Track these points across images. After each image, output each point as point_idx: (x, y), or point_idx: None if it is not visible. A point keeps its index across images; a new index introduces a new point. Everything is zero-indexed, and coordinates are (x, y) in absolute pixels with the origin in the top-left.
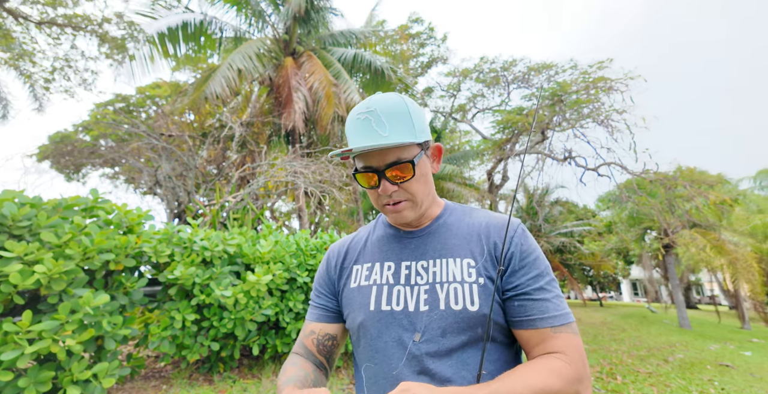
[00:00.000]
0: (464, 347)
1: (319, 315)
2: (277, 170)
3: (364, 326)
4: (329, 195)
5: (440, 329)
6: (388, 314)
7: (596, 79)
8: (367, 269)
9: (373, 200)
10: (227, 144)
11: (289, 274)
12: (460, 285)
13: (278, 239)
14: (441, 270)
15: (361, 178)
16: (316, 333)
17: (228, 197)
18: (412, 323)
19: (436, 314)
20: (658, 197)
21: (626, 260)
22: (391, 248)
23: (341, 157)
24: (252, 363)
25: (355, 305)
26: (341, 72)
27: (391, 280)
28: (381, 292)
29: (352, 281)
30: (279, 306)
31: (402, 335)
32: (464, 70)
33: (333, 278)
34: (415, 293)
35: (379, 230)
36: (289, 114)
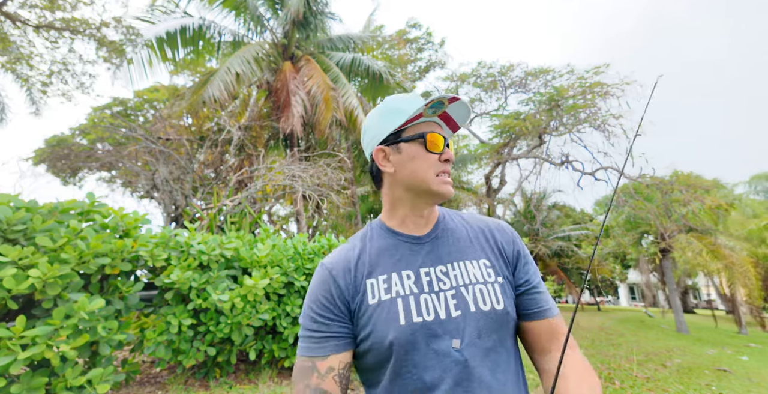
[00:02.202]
0: (495, 347)
1: (336, 346)
2: (275, 174)
3: (398, 343)
4: (327, 199)
5: (476, 331)
6: (421, 326)
7: (593, 85)
8: (384, 282)
9: (425, 166)
10: (225, 148)
11: (287, 278)
12: (484, 286)
13: (276, 243)
14: (461, 273)
15: (436, 137)
16: (336, 368)
17: (225, 201)
18: (447, 330)
19: (469, 317)
20: (655, 202)
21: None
22: (402, 256)
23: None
24: (249, 368)
25: (379, 322)
26: (339, 76)
27: (415, 289)
28: (408, 303)
29: (369, 297)
30: (276, 311)
31: (440, 344)
32: (462, 74)
33: (345, 298)
34: (442, 300)
35: (379, 240)
36: (287, 118)
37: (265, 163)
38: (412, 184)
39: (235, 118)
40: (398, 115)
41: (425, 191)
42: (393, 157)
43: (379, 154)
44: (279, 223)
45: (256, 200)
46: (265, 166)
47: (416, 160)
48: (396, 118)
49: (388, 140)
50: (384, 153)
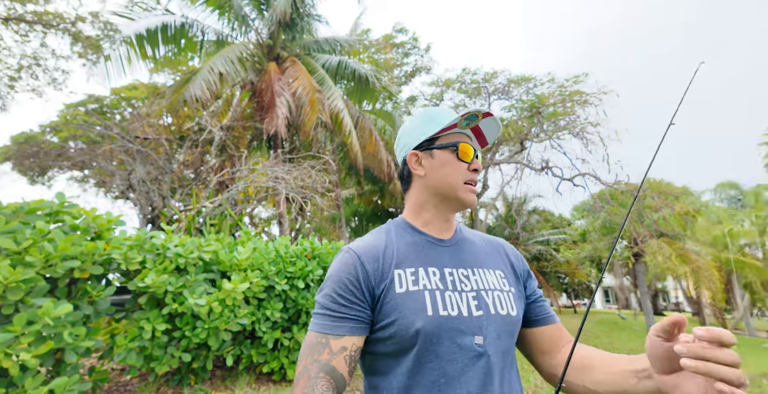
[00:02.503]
0: (509, 349)
1: (352, 328)
2: (257, 175)
3: (424, 332)
4: (311, 201)
5: (495, 332)
6: (447, 319)
7: (572, 93)
8: (412, 274)
9: (454, 172)
10: (206, 148)
11: (267, 282)
12: (501, 293)
13: (257, 246)
14: (481, 278)
15: (467, 147)
16: (348, 349)
17: (205, 202)
18: (469, 327)
19: (490, 319)
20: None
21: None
22: (428, 254)
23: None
24: (225, 374)
25: (407, 310)
26: (325, 78)
27: (440, 285)
28: (435, 297)
29: (396, 285)
30: (255, 315)
31: (464, 340)
32: (447, 80)
33: (371, 284)
34: (464, 299)
35: (407, 235)
36: (271, 119)
37: (248, 164)
38: (440, 188)
39: (217, 118)
40: (434, 124)
41: (452, 197)
42: (425, 162)
43: (412, 158)
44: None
45: (238, 201)
46: (248, 167)
47: (447, 167)
48: (431, 126)
49: (422, 146)
50: (417, 157)
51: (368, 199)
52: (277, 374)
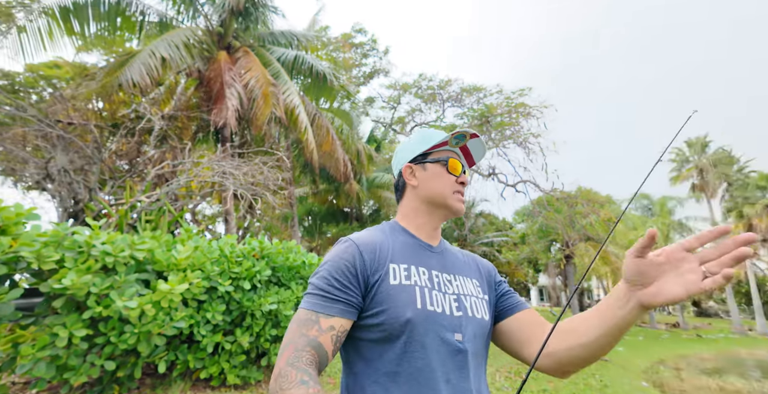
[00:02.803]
0: (482, 350)
1: (342, 310)
2: (202, 170)
3: (413, 323)
4: (262, 199)
5: (472, 332)
6: (433, 314)
7: (517, 105)
8: (405, 270)
9: (443, 183)
10: (144, 138)
11: (209, 283)
12: (477, 299)
13: (199, 245)
14: (461, 284)
15: (455, 162)
16: (336, 329)
17: (141, 197)
18: (451, 324)
19: (468, 320)
20: (563, 213)
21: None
22: (419, 255)
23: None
24: (156, 382)
25: (399, 301)
26: (281, 72)
27: (428, 284)
28: (424, 293)
29: (391, 278)
30: (194, 318)
31: (446, 334)
32: (404, 84)
33: (366, 273)
34: (447, 300)
35: (401, 236)
36: (220, 110)
37: (192, 157)
38: (431, 197)
39: (158, 106)
40: (427, 141)
41: (442, 205)
42: (418, 174)
43: (407, 170)
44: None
45: (179, 196)
46: (192, 160)
47: (437, 179)
48: (425, 143)
49: (416, 160)
50: (411, 169)
51: (323, 198)
52: (216, 380)
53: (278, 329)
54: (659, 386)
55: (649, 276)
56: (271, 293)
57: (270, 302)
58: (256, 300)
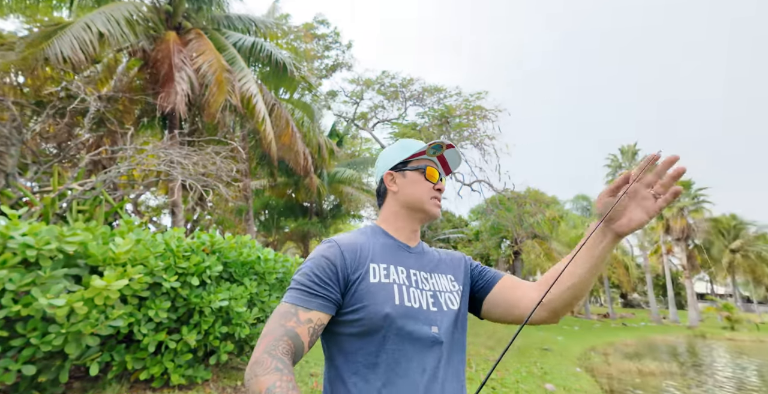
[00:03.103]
0: (458, 339)
1: (321, 305)
2: (146, 157)
3: (391, 317)
4: (213, 190)
5: (448, 324)
6: (410, 309)
7: (475, 108)
8: (384, 269)
9: (422, 190)
10: (77, 119)
11: (153, 278)
12: (450, 294)
13: (141, 238)
14: (437, 282)
15: (433, 170)
16: (314, 322)
17: (72, 184)
18: (427, 318)
19: (443, 314)
20: (513, 212)
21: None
22: (398, 256)
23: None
24: (87, 386)
25: (378, 298)
26: (237, 59)
27: (406, 282)
28: (402, 290)
29: (371, 276)
30: (135, 316)
31: (422, 328)
32: (367, 80)
33: (346, 271)
34: (424, 296)
35: (381, 238)
36: (168, 95)
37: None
38: (410, 202)
39: (95, 85)
40: (406, 150)
41: (420, 209)
42: (398, 180)
43: (388, 177)
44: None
45: (118, 185)
46: (134, 147)
47: (416, 185)
48: (405, 152)
49: (397, 168)
50: (392, 176)
51: (282, 191)
52: (158, 381)
53: (229, 326)
54: (590, 371)
55: (618, 211)
56: (222, 290)
57: (221, 299)
58: (206, 297)
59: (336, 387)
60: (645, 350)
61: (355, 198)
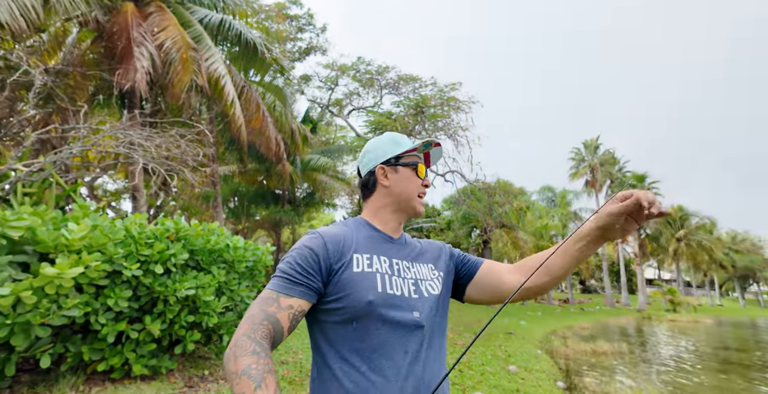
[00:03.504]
0: (440, 322)
1: (303, 293)
2: (103, 138)
3: (374, 304)
4: (178, 175)
5: (428, 309)
6: (392, 297)
7: (449, 99)
8: (367, 259)
9: (413, 186)
10: (20, 93)
11: (112, 266)
12: (431, 281)
13: (98, 223)
14: (418, 270)
15: (422, 167)
16: (294, 308)
17: (15, 164)
18: (409, 305)
19: (424, 300)
20: (483, 202)
21: None
22: (381, 246)
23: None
24: (37, 379)
25: (361, 286)
26: (203, 36)
27: (389, 271)
28: (384, 279)
29: (354, 266)
30: (92, 305)
31: (405, 313)
32: (342, 65)
33: (329, 262)
34: (406, 284)
35: (365, 230)
36: (126, 71)
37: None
38: (400, 197)
39: (40, 57)
40: (399, 146)
41: (407, 205)
42: (390, 175)
43: (380, 171)
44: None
45: (71, 167)
46: (89, 126)
47: (408, 181)
48: (397, 147)
49: (389, 162)
50: (384, 171)
51: (252, 178)
52: (118, 372)
53: (196, 315)
54: (550, 353)
55: (612, 223)
56: (188, 278)
57: (187, 287)
58: (171, 285)
59: (323, 373)
60: (599, 333)
61: (330, 186)
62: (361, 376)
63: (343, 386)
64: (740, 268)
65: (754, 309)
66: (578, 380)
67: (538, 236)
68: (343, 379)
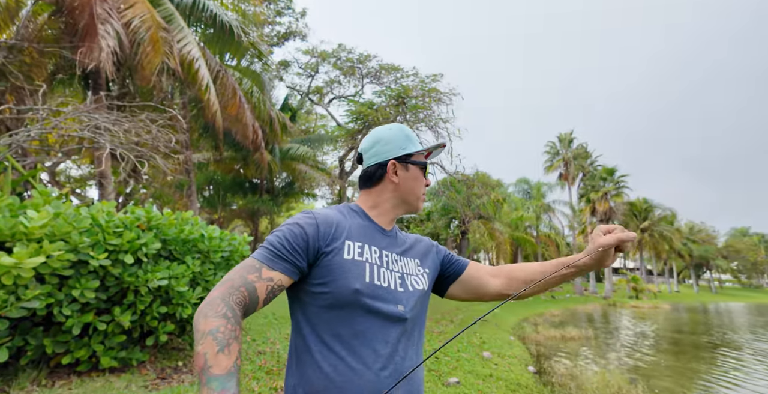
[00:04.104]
0: (421, 316)
1: (286, 268)
2: (65, 121)
3: (360, 293)
4: (149, 162)
5: (413, 303)
6: (379, 287)
7: (430, 90)
8: (359, 248)
9: (418, 186)
10: None
11: (77, 256)
12: (416, 276)
13: (61, 211)
14: (405, 265)
15: (427, 168)
16: (274, 281)
17: None
18: (395, 297)
19: (409, 294)
20: (462, 194)
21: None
22: (374, 237)
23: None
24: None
25: (350, 274)
26: (175, 16)
27: (378, 262)
28: (373, 269)
29: (345, 252)
30: (55, 296)
31: (389, 305)
32: (322, 52)
33: (318, 243)
34: (393, 277)
35: (358, 219)
36: (90, 50)
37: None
38: (406, 195)
39: None
40: (412, 143)
41: (411, 203)
42: (401, 172)
43: (392, 167)
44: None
45: (29, 151)
46: (48, 107)
47: (416, 181)
48: (410, 143)
49: (401, 159)
50: (395, 167)
51: (228, 166)
52: (84, 364)
53: (168, 306)
54: (522, 339)
55: (606, 252)
56: (160, 268)
57: (159, 278)
58: (142, 276)
59: (301, 355)
60: (568, 319)
61: (310, 176)
62: (340, 361)
63: (322, 369)
64: (696, 257)
65: (706, 295)
66: (548, 365)
67: (513, 227)
68: (322, 362)
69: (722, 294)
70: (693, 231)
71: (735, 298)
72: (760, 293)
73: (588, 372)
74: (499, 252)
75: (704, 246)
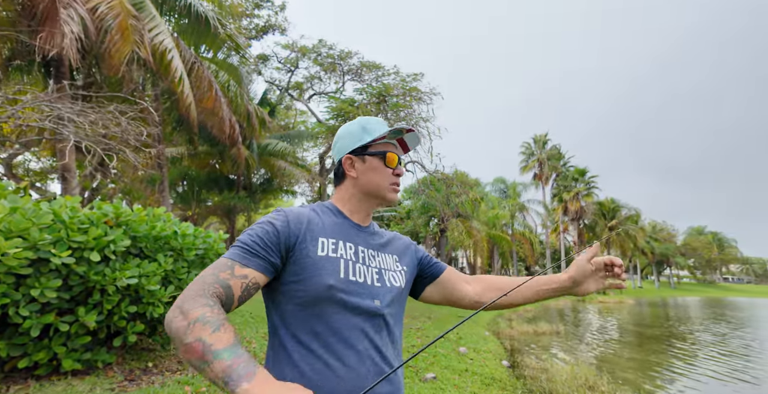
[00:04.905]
0: (398, 312)
1: (259, 265)
2: (23, 110)
3: (335, 289)
4: (118, 155)
5: (390, 299)
6: (354, 283)
7: (411, 89)
8: (333, 244)
9: (381, 177)
10: None
11: (37, 253)
12: (394, 272)
13: (18, 205)
14: (383, 260)
15: (393, 156)
16: (248, 279)
17: None
18: (371, 293)
19: (386, 290)
20: (441, 192)
21: (416, 240)
22: (348, 233)
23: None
24: None
25: (324, 270)
26: (146, 4)
27: (353, 258)
28: (348, 265)
29: (319, 249)
30: (11, 296)
31: (365, 300)
32: (302, 47)
33: (291, 240)
34: (369, 272)
35: (331, 216)
36: (51, 35)
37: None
38: (368, 188)
39: None
40: (367, 134)
41: (377, 196)
42: (357, 166)
43: (347, 162)
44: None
45: None
46: (4, 95)
47: (375, 172)
48: (365, 135)
49: (356, 151)
50: (351, 161)
51: (203, 161)
52: (44, 368)
53: (138, 305)
54: (497, 334)
55: (585, 277)
56: (129, 266)
57: (128, 276)
58: (109, 274)
59: (278, 354)
60: (541, 315)
61: (289, 173)
62: (317, 359)
63: (299, 368)
64: (658, 254)
65: (666, 290)
66: (520, 359)
67: (490, 226)
68: (299, 361)
69: (680, 289)
70: (655, 230)
71: (691, 293)
72: (713, 288)
73: (558, 365)
74: (477, 250)
75: (665, 244)
